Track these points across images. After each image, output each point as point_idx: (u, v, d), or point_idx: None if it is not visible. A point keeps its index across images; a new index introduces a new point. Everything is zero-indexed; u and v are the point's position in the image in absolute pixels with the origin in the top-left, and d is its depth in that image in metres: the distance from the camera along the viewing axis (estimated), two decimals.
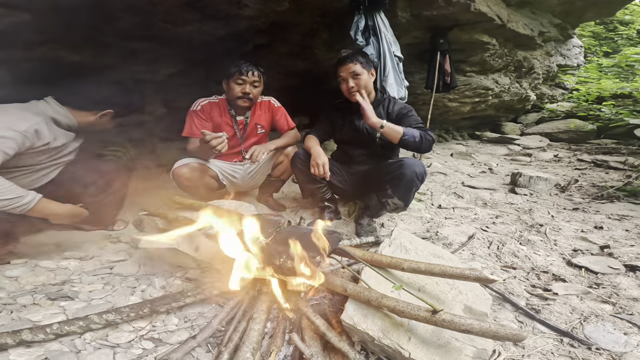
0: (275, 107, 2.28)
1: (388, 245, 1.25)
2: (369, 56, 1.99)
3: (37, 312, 1.17)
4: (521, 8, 4.20)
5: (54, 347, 1.00)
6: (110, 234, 1.92)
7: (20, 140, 1.39)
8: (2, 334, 0.97)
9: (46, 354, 0.97)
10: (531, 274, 1.54)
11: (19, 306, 1.20)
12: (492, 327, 0.71)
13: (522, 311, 1.23)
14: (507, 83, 5.31)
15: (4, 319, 1.12)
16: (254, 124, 2.20)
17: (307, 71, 3.81)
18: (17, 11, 1.58)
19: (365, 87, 1.93)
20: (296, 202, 2.61)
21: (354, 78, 1.91)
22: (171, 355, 0.95)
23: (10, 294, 1.28)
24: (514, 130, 6.77)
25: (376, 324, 0.89)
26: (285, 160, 2.19)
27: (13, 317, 1.14)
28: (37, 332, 0.99)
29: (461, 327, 0.72)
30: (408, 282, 1.09)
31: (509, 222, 2.23)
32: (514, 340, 0.68)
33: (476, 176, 3.70)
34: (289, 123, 2.31)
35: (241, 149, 2.21)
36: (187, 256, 1.41)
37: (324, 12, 2.95)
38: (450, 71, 3.69)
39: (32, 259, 1.56)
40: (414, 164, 1.79)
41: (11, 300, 1.23)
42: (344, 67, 1.91)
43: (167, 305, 1.15)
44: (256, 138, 2.24)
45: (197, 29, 2.23)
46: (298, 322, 1.07)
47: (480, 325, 0.71)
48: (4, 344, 0.96)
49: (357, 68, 1.90)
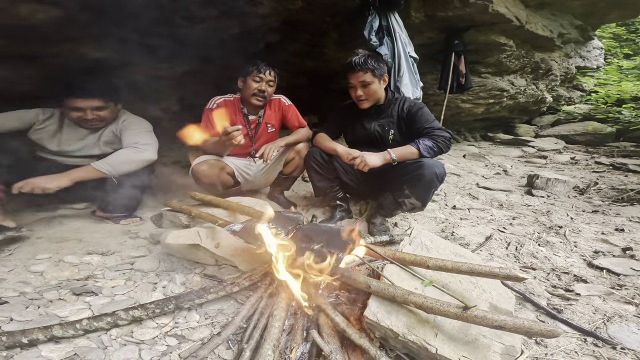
0: (286, 105, 2.29)
1: (408, 244, 1.24)
2: (382, 61, 1.94)
3: (64, 307, 1.18)
4: (540, 9, 4.13)
5: (82, 343, 1.01)
6: (130, 229, 1.96)
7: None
8: (34, 330, 0.97)
9: (75, 350, 0.97)
10: (551, 275, 1.52)
11: (45, 301, 1.21)
12: (526, 323, 0.70)
13: (544, 311, 1.22)
14: (523, 85, 5.23)
15: (31, 314, 1.13)
16: (264, 123, 2.22)
17: (316, 70, 3.82)
18: (50, 7, 1.64)
19: (374, 95, 1.91)
20: (306, 200, 2.62)
21: (363, 87, 1.87)
22: (199, 352, 0.95)
23: (36, 288, 1.29)
24: (528, 132, 6.66)
25: (401, 320, 0.89)
26: (296, 157, 2.19)
27: (40, 312, 1.15)
28: (67, 328, 0.99)
29: (494, 323, 0.71)
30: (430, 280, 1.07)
31: (526, 223, 2.20)
32: (549, 337, 0.67)
33: (490, 177, 3.65)
34: (300, 121, 2.32)
35: (251, 149, 2.22)
36: (206, 252, 1.43)
37: (334, 12, 2.97)
38: (465, 72, 3.66)
39: (56, 254, 1.59)
40: (433, 165, 1.74)
41: (37, 296, 1.24)
42: (354, 75, 1.86)
43: (191, 302, 1.15)
44: (267, 137, 2.25)
45: (213, 26, 2.28)
46: (315, 319, 1.07)
47: (513, 321, 0.70)
48: (35, 340, 0.96)
49: (367, 77, 1.85)
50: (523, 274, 0.84)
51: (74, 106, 1.82)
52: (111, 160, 1.81)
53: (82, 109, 1.83)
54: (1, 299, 1.19)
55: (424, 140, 1.81)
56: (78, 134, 1.95)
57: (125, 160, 1.84)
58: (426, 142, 1.80)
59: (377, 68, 1.86)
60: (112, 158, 1.82)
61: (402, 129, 2.00)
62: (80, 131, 1.95)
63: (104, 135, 1.99)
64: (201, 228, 1.47)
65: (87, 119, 1.85)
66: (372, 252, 1.17)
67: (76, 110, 1.83)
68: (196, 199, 1.76)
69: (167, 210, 1.73)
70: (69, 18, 1.72)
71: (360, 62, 1.83)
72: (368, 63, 1.84)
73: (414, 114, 1.94)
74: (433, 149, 1.80)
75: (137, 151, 1.87)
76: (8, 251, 1.62)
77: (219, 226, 1.39)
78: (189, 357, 0.93)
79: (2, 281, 1.33)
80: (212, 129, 2.06)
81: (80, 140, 1.96)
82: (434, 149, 1.80)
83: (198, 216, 1.49)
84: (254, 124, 2.19)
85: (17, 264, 1.48)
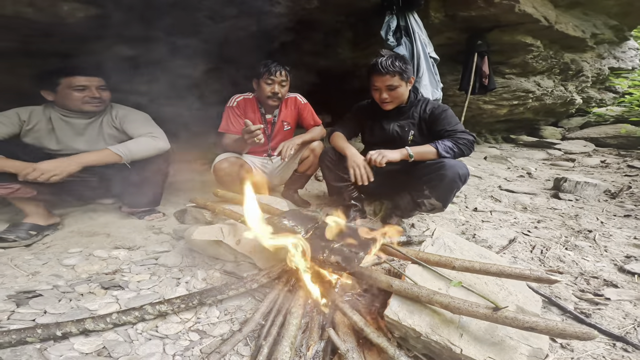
0: (302, 104, 2.30)
1: (431, 245, 1.22)
2: (408, 62, 1.84)
3: (94, 300, 1.22)
4: (571, 9, 3.96)
5: (110, 336, 1.03)
6: (154, 224, 2.02)
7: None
8: (67, 323, 1.00)
9: (104, 344, 0.99)
10: (579, 279, 1.46)
11: (76, 294, 1.25)
12: (559, 325, 0.67)
13: (571, 315, 1.19)
14: (551, 86, 5.03)
15: (64, 307, 1.17)
16: (280, 122, 2.24)
17: (329, 70, 3.83)
18: (88, 6, 1.73)
19: (400, 98, 1.84)
20: (319, 199, 2.62)
21: (389, 90, 1.79)
22: (221, 348, 0.96)
23: (68, 282, 1.34)
24: (554, 134, 6.41)
25: (424, 320, 0.88)
26: (310, 155, 2.20)
27: (72, 305, 1.18)
28: (98, 322, 1.02)
29: (525, 324, 0.69)
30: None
31: (552, 227, 2.11)
32: (583, 339, 0.64)
33: (513, 180, 3.53)
34: (315, 120, 2.33)
35: (268, 147, 2.25)
36: (227, 249, 1.45)
37: (349, 12, 2.97)
38: (488, 73, 3.56)
39: (86, 247, 1.67)
40: (456, 165, 1.69)
41: (69, 289, 1.28)
42: (381, 78, 1.76)
43: (213, 298, 1.17)
44: (283, 135, 2.27)
45: (233, 25, 2.35)
46: (331, 317, 1.07)
47: (546, 323, 0.68)
48: (68, 333, 0.99)
49: (395, 81, 1.76)
50: (556, 276, 0.81)
51: (76, 85, 1.74)
52: (129, 145, 1.79)
53: (86, 87, 1.77)
54: (36, 292, 1.24)
55: (444, 141, 1.77)
56: (73, 129, 1.86)
57: (143, 147, 1.84)
58: (446, 142, 1.76)
59: (405, 71, 1.78)
60: (131, 143, 1.81)
61: (422, 130, 1.95)
62: (73, 124, 1.86)
63: (104, 127, 1.93)
64: (224, 225, 1.50)
65: (94, 96, 1.79)
66: (396, 252, 1.16)
67: (79, 90, 1.76)
68: (218, 196, 1.80)
69: (192, 207, 1.77)
70: (104, 17, 1.81)
71: (387, 65, 1.73)
72: (396, 66, 1.74)
73: (437, 116, 1.87)
74: (453, 150, 1.74)
75: (155, 139, 1.88)
76: (43, 244, 1.71)
77: (242, 223, 1.42)
78: (212, 353, 0.94)
79: (36, 274, 1.39)
80: (232, 127, 2.11)
81: (79, 135, 1.88)
82: (454, 149, 1.75)
83: (222, 213, 1.52)
84: (270, 123, 2.22)
85: (51, 257, 1.55)
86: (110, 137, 1.95)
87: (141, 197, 2.06)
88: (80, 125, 1.88)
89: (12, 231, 1.69)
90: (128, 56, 2.19)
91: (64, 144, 1.86)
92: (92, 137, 1.91)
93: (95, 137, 1.91)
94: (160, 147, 1.90)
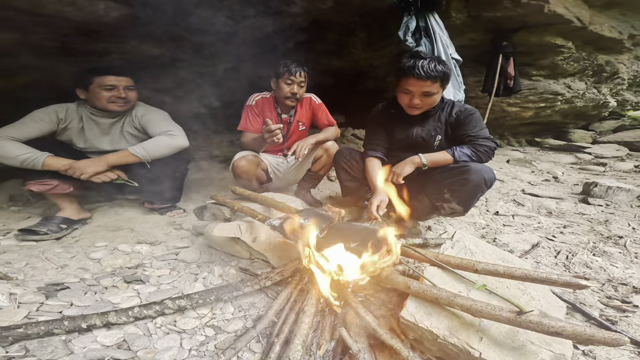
0: (317, 104, 2.31)
1: (450, 247, 1.19)
2: (448, 66, 1.64)
3: (116, 294, 1.25)
4: (607, 9, 3.76)
5: (130, 330, 1.05)
6: (174, 220, 2.08)
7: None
8: (92, 316, 1.02)
9: (125, 337, 1.02)
10: (607, 286, 1.40)
11: (101, 288, 1.29)
12: (588, 330, 0.63)
13: (595, 322, 1.14)
14: (582, 88, 4.80)
15: (89, 299, 1.20)
16: (296, 122, 2.26)
17: (342, 70, 3.82)
18: (122, 5, 1.83)
19: (432, 105, 1.70)
20: (331, 199, 2.62)
21: (424, 96, 1.61)
22: (237, 344, 0.97)
23: (94, 275, 1.39)
24: (584, 137, 6.13)
25: (442, 322, 0.86)
26: (324, 155, 2.19)
27: (96, 298, 1.22)
28: (120, 315, 1.04)
29: (551, 329, 0.66)
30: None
31: (580, 232, 2.01)
32: (613, 345, 0.61)
33: (538, 184, 3.40)
34: (330, 120, 2.33)
35: (283, 146, 2.27)
36: (243, 246, 1.48)
37: (363, 12, 2.96)
38: (514, 75, 3.44)
39: (111, 242, 1.74)
40: (482, 170, 1.59)
41: (95, 282, 1.33)
42: (417, 82, 1.56)
43: (229, 294, 1.18)
44: (298, 135, 2.29)
45: (251, 25, 2.41)
46: (342, 317, 1.06)
47: (573, 328, 0.64)
48: (92, 325, 1.01)
49: (435, 87, 1.58)
50: (585, 282, 0.77)
51: (106, 84, 1.82)
52: (147, 145, 1.85)
53: (115, 86, 1.84)
54: (64, 284, 1.28)
55: (462, 148, 1.69)
56: (99, 127, 1.94)
57: (161, 146, 1.88)
58: (464, 150, 1.68)
59: (448, 76, 1.60)
60: (148, 143, 1.86)
61: (448, 134, 1.83)
62: (100, 123, 1.94)
63: (125, 127, 1.99)
64: (242, 222, 1.52)
65: (120, 96, 1.85)
66: (415, 253, 1.14)
67: (108, 89, 1.83)
68: (236, 194, 1.84)
69: (212, 203, 1.81)
70: (135, 16, 1.90)
71: (430, 69, 1.52)
72: (438, 70, 1.53)
73: (463, 119, 1.74)
74: (471, 158, 1.66)
75: (173, 138, 1.92)
76: (72, 238, 1.80)
77: (259, 220, 1.43)
78: (227, 349, 0.95)
79: (65, 267, 1.46)
80: (251, 126, 2.14)
81: (104, 135, 1.96)
82: (472, 157, 1.66)
83: (240, 210, 1.55)
84: (286, 122, 2.24)
85: (79, 250, 1.62)
86: (131, 137, 2.01)
87: (162, 193, 2.12)
88: (106, 125, 1.96)
89: (45, 224, 1.78)
90: (155, 55, 2.29)
91: (90, 142, 1.95)
92: (115, 137, 1.99)
93: (117, 137, 1.99)
94: (178, 144, 1.94)
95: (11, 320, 1.05)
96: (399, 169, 1.72)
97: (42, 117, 1.80)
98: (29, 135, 1.73)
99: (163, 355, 0.95)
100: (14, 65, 2.11)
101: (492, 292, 0.89)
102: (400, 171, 1.71)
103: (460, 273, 0.99)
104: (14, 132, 1.69)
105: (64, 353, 0.93)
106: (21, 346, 0.94)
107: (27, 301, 1.16)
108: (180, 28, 2.02)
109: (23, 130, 1.72)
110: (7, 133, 1.67)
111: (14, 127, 1.71)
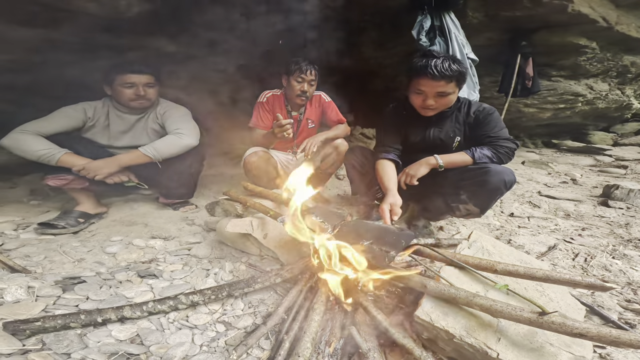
0: (326, 101, 2.31)
1: (467, 247, 1.17)
2: (464, 65, 1.58)
3: (131, 288, 1.25)
4: (635, 9, 3.63)
5: (143, 324, 1.05)
6: (187, 216, 2.10)
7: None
8: (108, 310, 1.02)
9: (138, 331, 1.02)
10: (626, 289, 1.35)
11: (116, 282, 1.30)
12: (613, 332, 0.61)
13: (614, 325, 1.10)
14: (605, 89, 4.65)
15: (104, 293, 1.21)
16: (305, 119, 2.26)
17: (352, 69, 3.79)
18: (143, 2, 1.86)
19: (447, 105, 1.64)
20: (339, 198, 2.61)
21: (439, 97, 1.55)
22: (247, 340, 0.97)
23: (109, 269, 1.40)
24: (605, 139, 5.95)
25: (459, 322, 0.84)
26: (333, 153, 2.18)
27: (111, 292, 1.22)
28: (135, 309, 1.04)
29: (574, 330, 0.63)
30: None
31: (599, 235, 1.95)
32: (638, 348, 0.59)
33: (555, 186, 3.30)
34: (339, 117, 2.32)
35: (293, 144, 2.28)
36: (254, 242, 1.48)
37: (375, 10, 2.93)
38: (532, 75, 3.36)
39: (126, 236, 1.76)
40: (503, 172, 1.54)
41: (110, 276, 1.34)
42: (431, 83, 1.50)
43: (240, 290, 1.18)
44: (307, 132, 2.29)
45: (262, 22, 2.41)
46: (352, 316, 1.05)
47: (598, 329, 0.62)
48: (107, 319, 1.01)
49: (450, 87, 1.52)
50: (609, 284, 0.74)
51: (127, 82, 1.86)
52: (156, 145, 1.87)
53: (135, 84, 1.87)
54: (80, 278, 1.30)
55: (482, 149, 1.64)
56: (124, 123, 1.98)
57: (170, 146, 1.90)
58: (484, 151, 1.63)
59: (464, 76, 1.54)
60: (157, 143, 1.88)
61: (466, 134, 1.78)
62: (125, 119, 1.98)
63: (149, 123, 2.03)
64: (254, 218, 1.53)
65: (140, 94, 1.89)
66: (433, 253, 1.11)
67: (129, 87, 1.87)
68: (248, 190, 1.84)
69: (225, 199, 1.82)
70: (156, 12, 1.93)
71: (444, 69, 1.46)
72: (453, 70, 1.47)
73: (482, 119, 1.68)
74: (492, 160, 1.62)
75: (180, 137, 1.93)
76: (89, 232, 1.84)
77: (270, 217, 1.44)
78: (239, 345, 0.94)
79: (82, 261, 1.48)
80: (261, 122, 2.15)
81: (127, 132, 2.00)
82: (493, 159, 1.61)
83: (252, 206, 1.55)
84: (296, 120, 2.25)
85: (95, 244, 1.65)
86: (153, 133, 2.05)
87: (176, 189, 2.15)
88: (130, 121, 2.00)
89: (63, 218, 1.82)
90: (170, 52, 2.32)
91: (112, 139, 1.99)
92: (137, 133, 2.03)
93: (139, 133, 2.03)
94: (185, 144, 1.94)
95: (29, 314, 1.05)
96: (413, 170, 1.69)
97: (70, 113, 1.85)
98: (54, 130, 1.78)
99: (175, 350, 0.95)
100: (37, 60, 2.16)
101: (513, 293, 0.87)
102: (415, 172, 1.68)
103: (480, 273, 0.96)
104: (40, 126, 1.74)
105: (79, 347, 0.94)
106: (38, 339, 0.95)
107: (45, 294, 1.17)
108: (195, 24, 2.05)
109: (50, 126, 1.77)
110: (34, 127, 1.72)
111: (41, 122, 1.76)
